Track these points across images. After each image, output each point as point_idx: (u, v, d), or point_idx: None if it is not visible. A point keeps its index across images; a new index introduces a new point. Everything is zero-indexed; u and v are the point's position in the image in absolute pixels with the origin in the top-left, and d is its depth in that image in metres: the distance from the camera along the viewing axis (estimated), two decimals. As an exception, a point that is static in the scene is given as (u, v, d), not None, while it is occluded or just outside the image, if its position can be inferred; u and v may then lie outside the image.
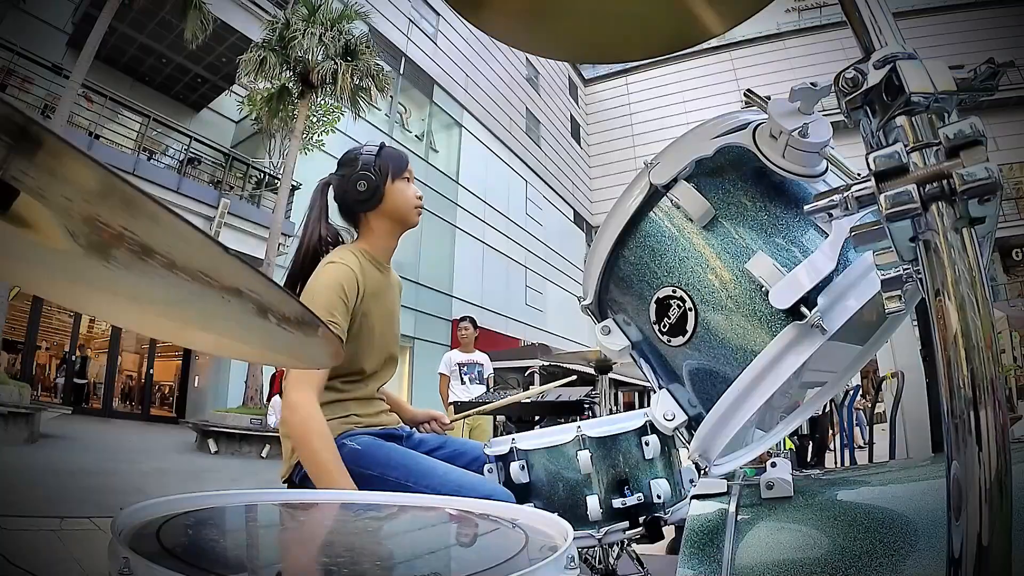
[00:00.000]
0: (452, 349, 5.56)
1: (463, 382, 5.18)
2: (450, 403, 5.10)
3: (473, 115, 19.31)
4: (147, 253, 0.36)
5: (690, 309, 0.74)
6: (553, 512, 0.74)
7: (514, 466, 1.26)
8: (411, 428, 1.55)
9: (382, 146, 1.47)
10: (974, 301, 0.42)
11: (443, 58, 18.50)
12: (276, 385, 10.98)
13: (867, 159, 0.45)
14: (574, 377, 2.38)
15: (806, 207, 0.52)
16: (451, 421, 1.61)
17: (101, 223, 0.35)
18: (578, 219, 25.57)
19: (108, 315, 0.55)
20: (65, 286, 0.49)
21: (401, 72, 16.70)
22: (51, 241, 0.40)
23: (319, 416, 1.20)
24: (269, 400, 10.22)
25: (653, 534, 1.18)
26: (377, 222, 1.46)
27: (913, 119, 0.46)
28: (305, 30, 11.64)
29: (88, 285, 0.47)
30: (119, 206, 0.32)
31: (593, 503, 1.19)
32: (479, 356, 5.40)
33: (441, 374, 5.30)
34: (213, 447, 8.65)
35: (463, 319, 5.52)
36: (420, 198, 1.47)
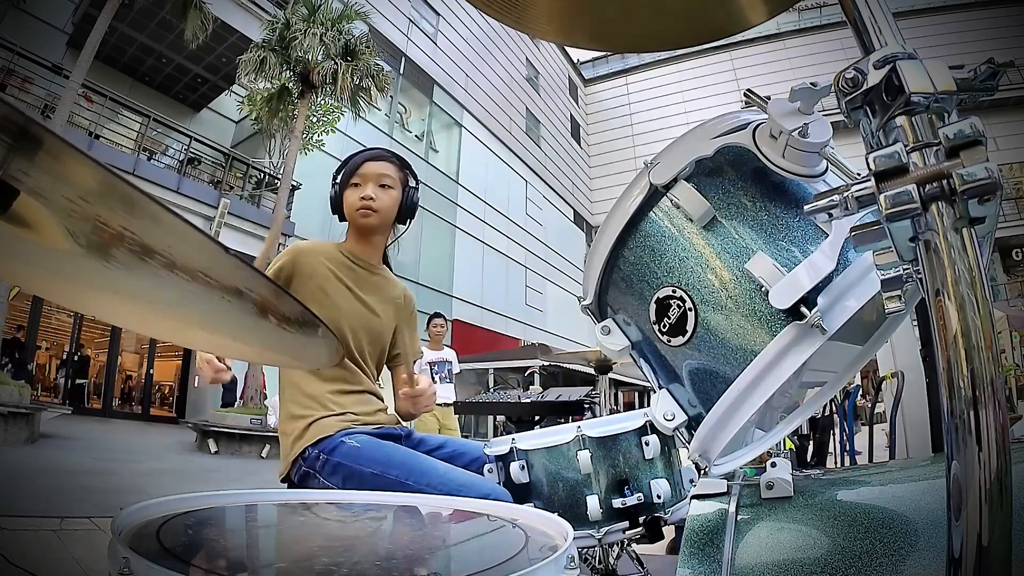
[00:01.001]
0: (445, 348, 5.46)
1: (434, 380, 5.07)
2: None
3: (473, 115, 19.31)
4: (147, 253, 0.36)
5: (690, 309, 0.74)
6: (553, 512, 0.74)
7: (514, 466, 1.26)
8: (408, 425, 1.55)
9: (347, 159, 1.55)
10: (974, 301, 0.42)
11: (443, 58, 18.50)
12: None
13: (867, 159, 0.45)
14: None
15: (806, 207, 0.52)
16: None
17: (101, 223, 0.35)
18: (578, 219, 25.57)
19: (108, 315, 0.54)
20: (65, 286, 0.49)
21: (401, 72, 16.70)
22: (51, 241, 0.40)
23: None
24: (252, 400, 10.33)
25: (653, 534, 1.18)
26: (348, 227, 1.57)
27: (913, 119, 0.46)
28: (305, 30, 11.63)
29: (88, 285, 0.47)
30: (119, 206, 0.32)
31: (593, 503, 1.19)
32: (448, 353, 5.28)
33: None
34: (213, 447, 8.65)
35: (436, 315, 5.35)
36: (364, 199, 1.48)
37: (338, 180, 1.53)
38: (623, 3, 0.81)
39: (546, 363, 8.87)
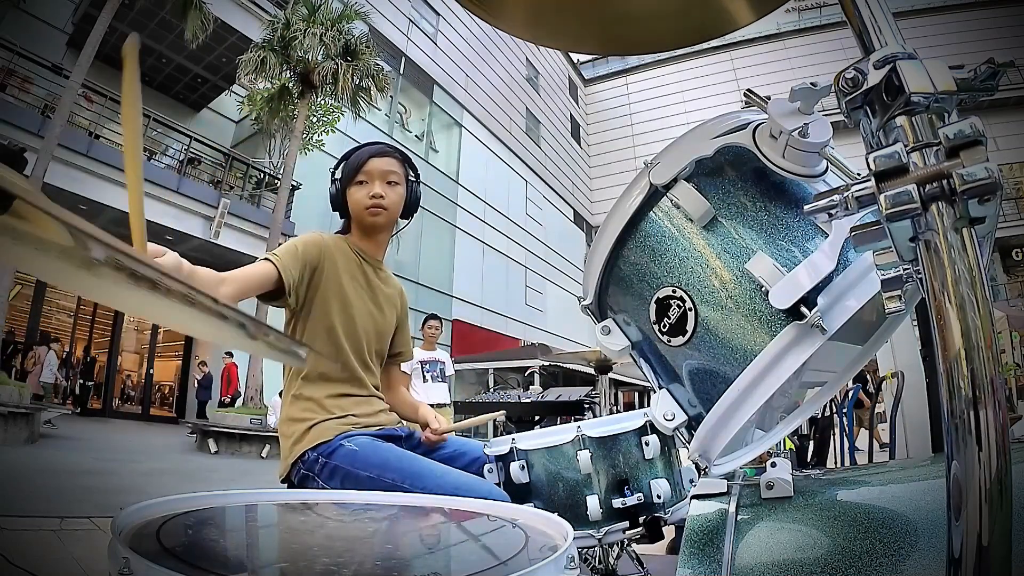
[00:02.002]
0: (438, 349, 5.49)
1: (425, 380, 5.08)
2: None
3: (473, 115, 19.32)
4: (135, 278, 0.35)
5: (690, 309, 0.74)
6: (553, 512, 0.74)
7: (514, 466, 1.26)
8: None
9: (345, 155, 1.52)
10: (974, 301, 0.42)
11: (443, 58, 18.51)
12: (224, 387, 10.96)
13: (867, 159, 0.45)
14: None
15: (806, 207, 0.52)
16: (443, 432, 1.55)
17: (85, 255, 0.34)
18: (578, 219, 25.57)
19: (112, 303, 0.54)
20: (69, 276, 0.49)
21: (401, 72, 16.71)
22: (53, 236, 0.40)
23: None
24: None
25: (653, 534, 1.18)
26: (352, 224, 1.54)
27: (913, 119, 0.46)
28: (305, 30, 11.64)
29: (91, 274, 0.47)
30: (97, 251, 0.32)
31: (593, 503, 1.19)
32: (440, 354, 5.34)
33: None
34: (213, 447, 8.65)
35: (431, 317, 5.39)
36: (375, 196, 1.45)
37: (338, 176, 1.50)
38: (607, 6, 0.81)
39: (546, 363, 8.88)
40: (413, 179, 1.55)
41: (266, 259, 1.29)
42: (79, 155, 9.63)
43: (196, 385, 12.19)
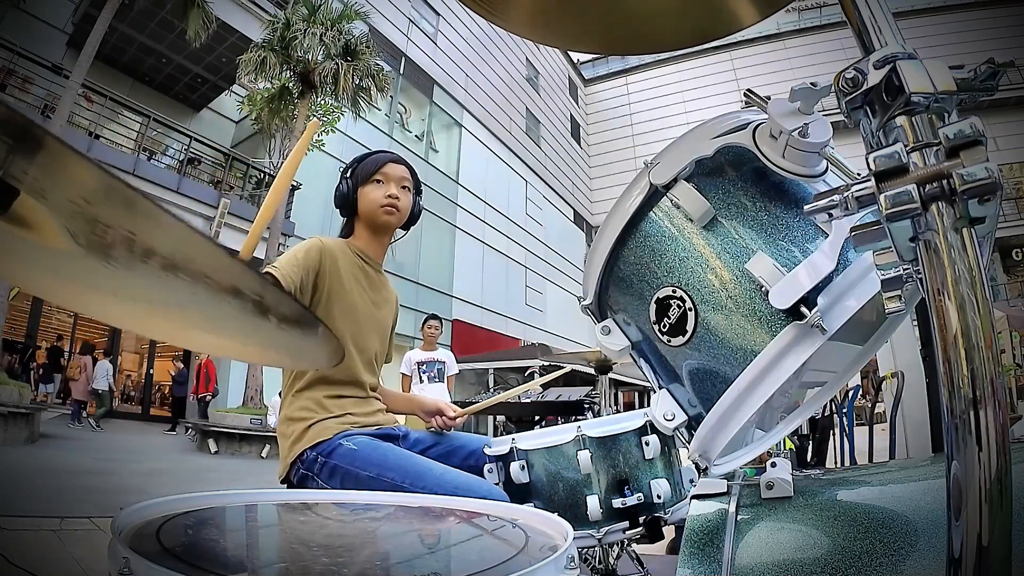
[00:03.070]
0: (440, 349, 5.47)
1: (422, 380, 5.06)
2: None
3: (473, 115, 19.30)
4: (147, 255, 0.35)
5: (690, 309, 0.74)
6: (553, 512, 0.74)
7: (514, 466, 1.26)
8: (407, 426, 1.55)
9: (360, 157, 1.56)
10: (974, 301, 0.42)
11: (443, 58, 18.50)
12: (201, 385, 10.94)
13: (867, 159, 0.45)
14: (562, 371, 2.32)
15: (806, 207, 0.52)
16: (455, 416, 1.58)
17: (102, 224, 0.34)
18: (578, 219, 25.56)
19: (107, 316, 0.54)
20: (65, 287, 0.49)
21: (401, 72, 16.70)
22: (52, 241, 0.40)
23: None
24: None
25: (653, 534, 1.18)
26: (358, 224, 1.56)
27: (913, 119, 0.46)
28: (305, 30, 11.64)
29: (88, 286, 0.47)
30: (120, 208, 0.32)
31: (593, 503, 1.19)
32: (441, 354, 5.28)
33: (403, 374, 5.15)
34: (213, 447, 8.65)
35: (432, 317, 5.37)
36: (390, 196, 1.48)
37: (348, 176, 1.52)
38: (611, 5, 0.81)
39: (546, 363, 8.89)
40: (416, 194, 1.59)
41: (266, 272, 1.31)
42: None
43: (172, 382, 12.18)
